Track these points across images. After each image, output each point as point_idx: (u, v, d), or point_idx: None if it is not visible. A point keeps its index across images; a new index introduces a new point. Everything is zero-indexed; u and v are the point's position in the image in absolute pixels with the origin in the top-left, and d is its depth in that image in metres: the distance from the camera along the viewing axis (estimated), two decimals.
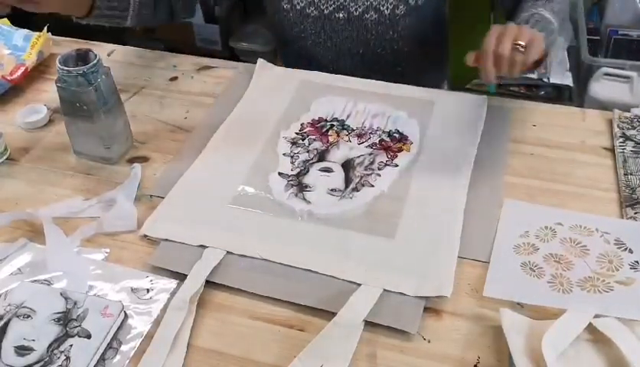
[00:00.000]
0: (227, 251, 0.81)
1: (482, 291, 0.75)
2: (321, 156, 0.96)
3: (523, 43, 0.85)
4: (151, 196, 0.91)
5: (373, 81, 1.12)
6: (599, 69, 1.80)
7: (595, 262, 0.78)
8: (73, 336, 0.70)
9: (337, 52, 1.19)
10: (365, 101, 1.07)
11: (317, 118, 1.03)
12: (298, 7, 1.14)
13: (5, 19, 1.26)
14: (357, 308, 0.73)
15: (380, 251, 0.81)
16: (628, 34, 1.90)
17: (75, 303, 0.73)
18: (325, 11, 1.13)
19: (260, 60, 1.17)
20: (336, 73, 1.14)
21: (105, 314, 0.72)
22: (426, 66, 1.24)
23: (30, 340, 0.70)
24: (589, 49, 1.83)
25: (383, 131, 1.00)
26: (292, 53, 1.24)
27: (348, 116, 1.04)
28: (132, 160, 0.97)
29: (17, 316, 0.72)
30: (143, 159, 0.98)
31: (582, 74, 1.86)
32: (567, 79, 1.93)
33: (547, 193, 0.89)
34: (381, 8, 1.10)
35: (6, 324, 0.71)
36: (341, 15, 1.13)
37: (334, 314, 0.72)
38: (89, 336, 0.70)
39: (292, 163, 0.95)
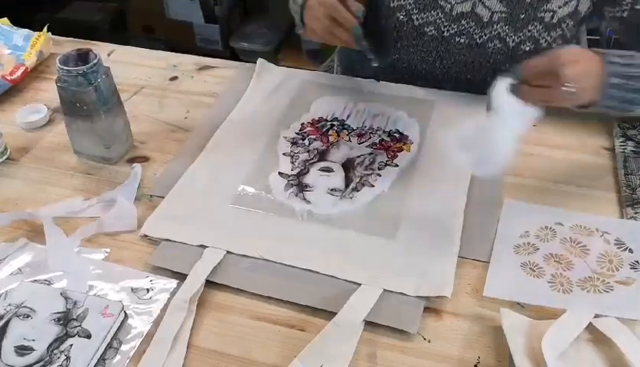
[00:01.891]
0: (227, 251, 0.81)
1: (482, 291, 0.75)
2: (322, 156, 0.96)
3: (574, 88, 0.78)
4: (151, 196, 0.91)
5: (373, 81, 1.12)
6: None
7: (595, 262, 0.78)
8: (73, 336, 0.70)
9: (443, 73, 1.09)
10: (365, 101, 1.07)
11: (317, 118, 1.04)
12: (415, 22, 1.04)
13: (5, 19, 1.26)
14: (357, 308, 0.73)
15: (380, 251, 0.81)
16: None
17: (75, 303, 0.73)
18: (445, 33, 1.03)
19: (260, 60, 1.17)
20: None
21: (105, 314, 0.72)
22: None
23: (30, 340, 0.70)
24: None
25: (384, 131, 1.00)
26: (392, 61, 1.11)
27: (348, 116, 1.04)
28: (132, 160, 0.97)
29: (18, 316, 0.72)
30: (143, 159, 0.98)
31: None
32: None
33: (547, 193, 0.89)
34: (507, 39, 1.02)
35: (6, 324, 0.71)
36: (462, 40, 1.04)
37: (334, 314, 0.72)
38: (89, 336, 0.70)
39: (292, 163, 0.95)
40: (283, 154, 0.96)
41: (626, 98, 0.84)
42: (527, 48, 1.02)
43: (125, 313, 0.73)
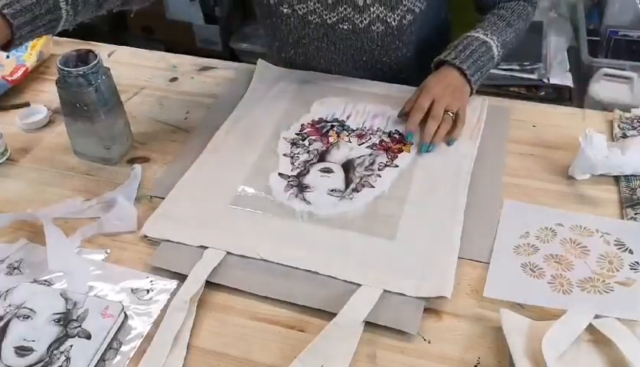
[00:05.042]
0: (227, 252, 0.81)
1: (482, 292, 0.75)
2: (322, 156, 0.96)
3: (454, 111, 0.97)
4: (151, 196, 0.91)
5: (374, 82, 1.12)
6: (599, 70, 1.80)
7: (595, 263, 0.78)
8: (73, 337, 0.70)
9: (341, 57, 1.15)
10: (365, 101, 1.07)
11: (317, 119, 1.04)
12: (299, 12, 1.09)
13: None
14: (357, 309, 0.73)
15: (380, 251, 0.81)
16: (628, 34, 1.90)
17: (75, 304, 0.73)
18: (328, 21, 1.09)
19: (260, 61, 1.17)
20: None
21: (105, 315, 0.72)
22: (428, 71, 1.23)
23: (30, 341, 0.70)
24: (589, 50, 1.84)
25: (384, 132, 1.00)
26: (291, 58, 1.19)
27: (348, 117, 1.04)
28: (132, 161, 0.98)
29: (18, 317, 0.72)
30: (143, 159, 0.98)
31: (582, 75, 1.86)
32: (567, 80, 1.93)
33: (547, 193, 0.89)
34: (388, 20, 1.07)
35: (6, 325, 0.71)
36: (345, 27, 1.09)
37: (334, 315, 0.72)
38: (89, 337, 0.70)
39: (292, 163, 0.95)
40: (283, 154, 0.96)
41: (486, 75, 1.05)
42: (409, 21, 1.08)
43: (125, 314, 0.73)
